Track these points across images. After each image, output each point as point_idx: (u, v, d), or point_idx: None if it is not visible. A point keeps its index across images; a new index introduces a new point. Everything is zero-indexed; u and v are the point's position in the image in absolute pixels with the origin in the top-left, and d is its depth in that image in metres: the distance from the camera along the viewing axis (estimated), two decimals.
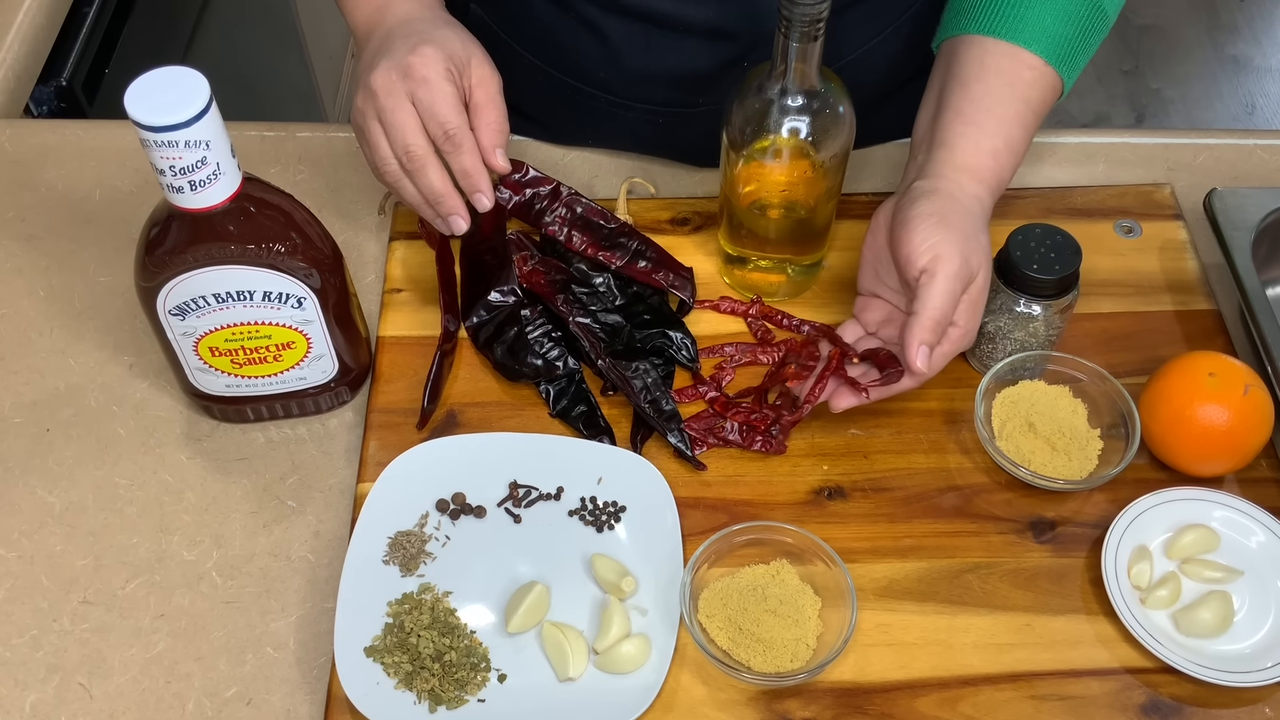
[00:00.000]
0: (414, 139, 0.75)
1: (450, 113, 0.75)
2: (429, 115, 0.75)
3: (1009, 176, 0.80)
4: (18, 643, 0.73)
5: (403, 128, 0.75)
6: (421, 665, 0.69)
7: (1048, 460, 0.77)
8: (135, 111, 0.64)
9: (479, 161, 0.77)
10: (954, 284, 0.73)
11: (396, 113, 0.75)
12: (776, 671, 0.69)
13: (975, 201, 0.77)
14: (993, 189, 0.79)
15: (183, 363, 0.78)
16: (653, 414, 0.79)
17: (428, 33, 0.78)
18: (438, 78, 0.75)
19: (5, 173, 0.97)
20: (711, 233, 0.91)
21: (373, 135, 0.77)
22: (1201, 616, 0.71)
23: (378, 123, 0.76)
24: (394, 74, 0.75)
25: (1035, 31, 0.78)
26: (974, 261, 0.74)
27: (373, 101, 0.76)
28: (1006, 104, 0.78)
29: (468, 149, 0.76)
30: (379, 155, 0.77)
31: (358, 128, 0.79)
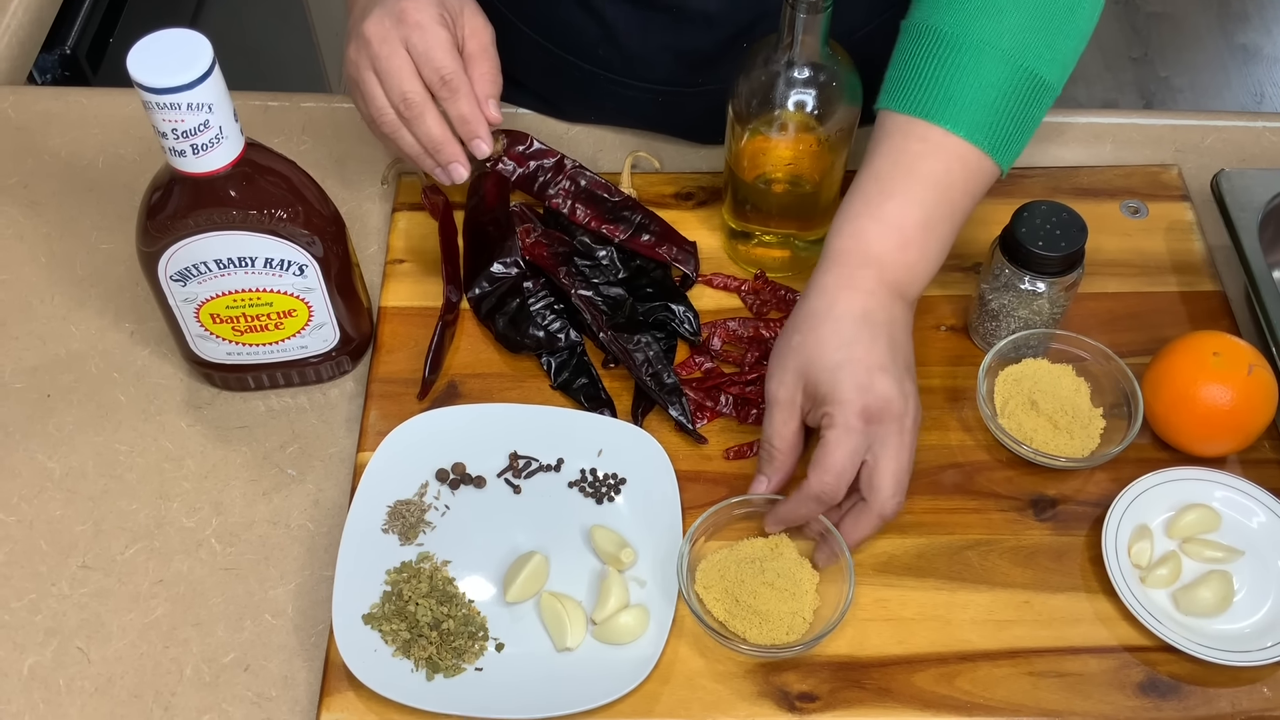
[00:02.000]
0: (410, 85, 0.74)
1: (446, 58, 0.74)
2: (424, 61, 0.74)
3: (921, 274, 0.72)
4: (16, 606, 0.73)
5: (398, 74, 0.74)
6: (419, 633, 0.69)
7: (1050, 438, 0.77)
8: (138, 73, 0.63)
9: (476, 108, 0.76)
10: (844, 440, 0.67)
11: (391, 59, 0.74)
12: (772, 644, 0.69)
13: (869, 307, 0.70)
14: (898, 288, 0.71)
15: (184, 330, 0.77)
16: (654, 387, 0.79)
17: None
18: (431, 23, 0.74)
19: (8, 139, 0.96)
20: (715, 208, 0.91)
21: (368, 85, 0.75)
22: (1201, 596, 0.71)
23: (372, 72, 0.75)
24: (387, 21, 0.74)
25: (959, 111, 0.71)
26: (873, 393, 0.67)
27: (366, 50, 0.75)
28: (920, 189, 0.71)
29: (464, 94, 0.75)
30: (375, 106, 0.76)
31: (351, 80, 0.77)
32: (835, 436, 0.68)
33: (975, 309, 0.82)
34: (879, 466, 0.69)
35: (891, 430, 0.69)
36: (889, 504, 0.69)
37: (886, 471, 0.69)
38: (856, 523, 0.70)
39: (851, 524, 0.71)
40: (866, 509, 0.70)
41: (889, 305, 0.71)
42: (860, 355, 0.69)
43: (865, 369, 0.69)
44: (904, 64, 0.74)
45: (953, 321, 0.85)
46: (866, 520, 0.70)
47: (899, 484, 0.69)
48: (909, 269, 0.72)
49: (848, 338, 0.69)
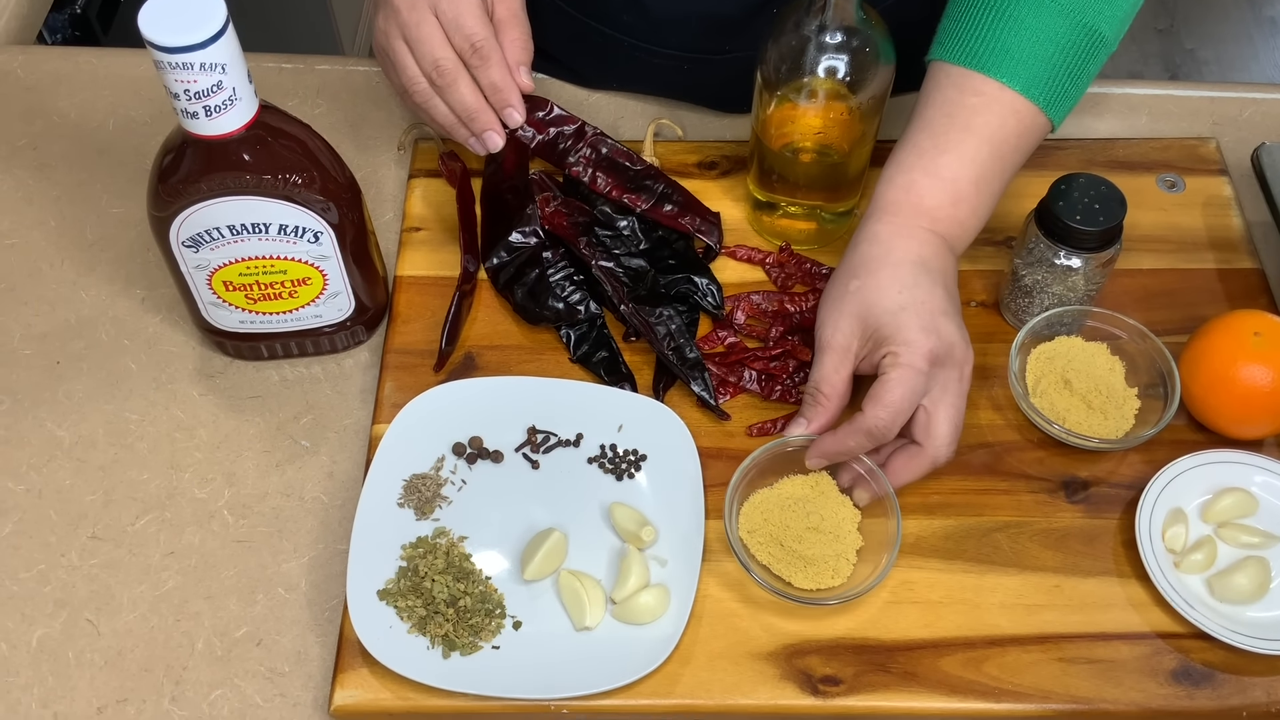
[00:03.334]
0: (442, 52, 0.73)
1: (476, 24, 0.73)
2: (454, 28, 0.73)
3: (970, 229, 0.72)
4: (25, 577, 0.72)
5: (429, 41, 0.73)
6: (435, 610, 0.68)
7: (1083, 418, 0.75)
8: (150, 31, 0.61)
9: (508, 75, 0.75)
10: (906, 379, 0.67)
11: (421, 27, 0.73)
12: (818, 588, 0.68)
13: (924, 255, 0.70)
14: (949, 241, 0.72)
15: (196, 297, 0.76)
16: (676, 361, 0.77)
17: None
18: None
19: (17, 100, 0.94)
20: (739, 178, 0.88)
21: (398, 54, 0.74)
22: (1237, 582, 0.69)
23: (402, 41, 0.74)
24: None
25: (1016, 65, 0.70)
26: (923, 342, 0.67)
27: (395, 18, 0.74)
28: (975, 144, 0.71)
29: (496, 61, 0.74)
30: (407, 75, 0.75)
31: (380, 49, 0.76)
32: (899, 375, 0.68)
33: (1007, 284, 0.80)
34: (938, 411, 0.69)
35: (953, 376, 0.69)
36: (944, 449, 0.70)
37: (945, 417, 0.69)
38: (908, 465, 0.70)
39: (902, 466, 0.70)
40: (920, 453, 0.70)
41: (942, 255, 0.72)
42: (923, 299, 0.69)
43: (929, 312, 0.69)
44: (960, 15, 0.73)
45: (983, 297, 0.83)
46: (918, 464, 0.70)
47: (956, 430, 0.70)
48: (960, 224, 0.72)
49: (908, 282, 0.70)
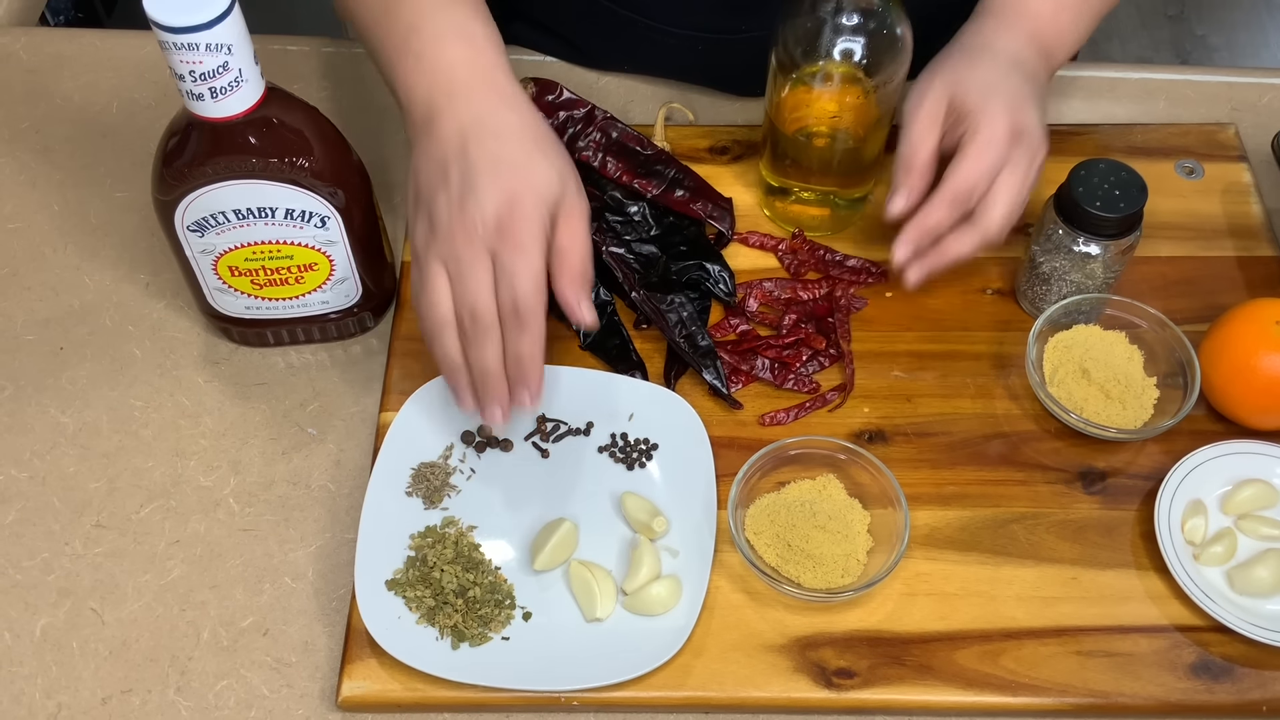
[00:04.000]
0: (485, 302, 0.63)
1: (531, 287, 0.63)
2: (506, 282, 0.63)
3: (1069, 41, 0.75)
4: (28, 565, 0.71)
5: (475, 285, 0.63)
6: (444, 600, 0.67)
7: (1101, 408, 0.74)
8: (154, 11, 0.60)
9: (540, 350, 0.65)
10: (986, 149, 0.70)
11: (472, 268, 0.63)
12: (827, 588, 0.67)
13: (1023, 56, 0.73)
14: (1047, 48, 0.74)
15: (201, 282, 0.75)
16: (688, 349, 0.76)
17: (521, 165, 0.65)
18: (531, 245, 0.63)
19: (20, 82, 0.93)
20: (752, 162, 0.87)
21: (433, 275, 0.64)
22: (1257, 574, 0.68)
23: (442, 264, 0.64)
24: (480, 226, 0.63)
25: None
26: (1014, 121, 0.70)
27: (448, 245, 0.64)
28: None
29: (534, 333, 0.64)
30: (432, 298, 0.65)
31: (417, 255, 0.66)
32: (979, 145, 0.71)
33: (1024, 272, 0.79)
34: (1001, 186, 0.71)
35: (1024, 156, 0.71)
36: (996, 224, 0.71)
37: (1007, 193, 0.71)
38: (959, 238, 0.72)
39: (954, 239, 0.72)
40: (971, 226, 0.72)
41: (1038, 61, 0.75)
42: (1015, 86, 0.72)
43: (1017, 97, 0.72)
44: None
45: (1000, 285, 0.81)
46: (969, 237, 0.72)
47: (1013, 210, 0.71)
48: (1060, 35, 0.75)
49: (1003, 71, 0.73)
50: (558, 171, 0.66)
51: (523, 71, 0.91)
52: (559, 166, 0.66)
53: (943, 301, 0.81)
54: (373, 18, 0.71)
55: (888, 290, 0.81)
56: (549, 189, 0.65)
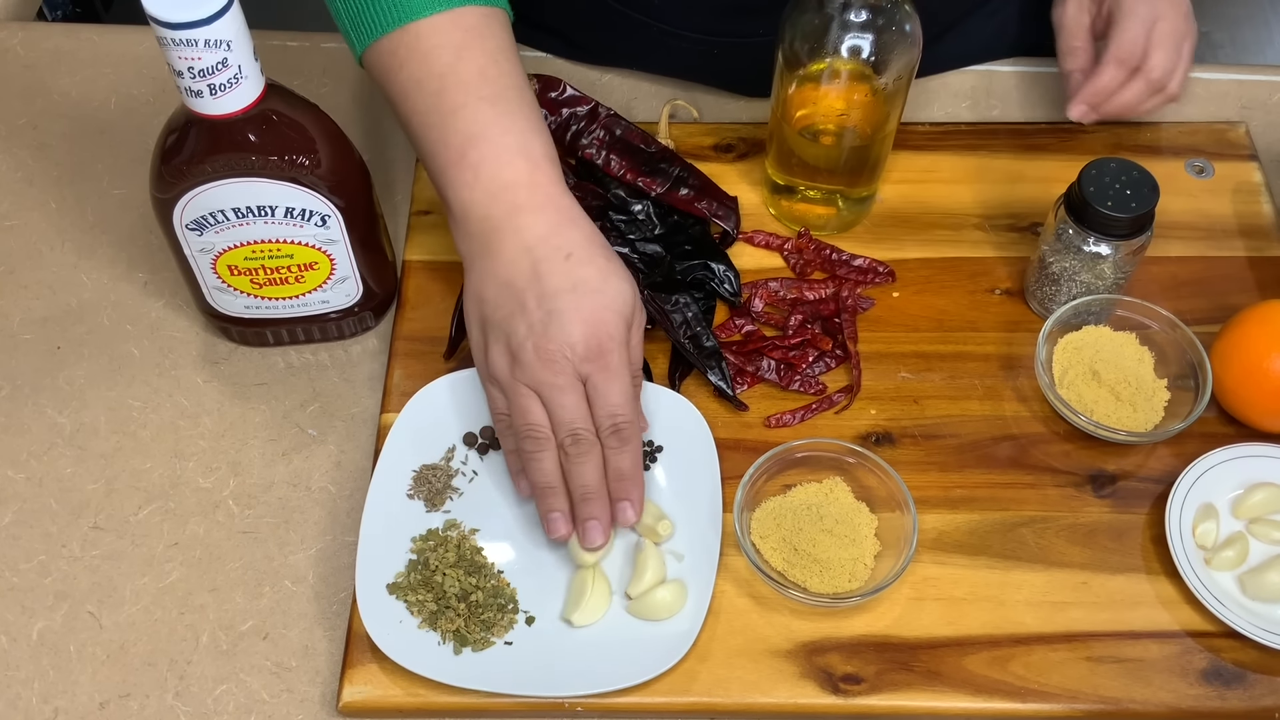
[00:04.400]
0: (584, 424, 0.64)
1: (628, 407, 0.64)
2: (602, 403, 0.64)
3: None
4: (25, 568, 0.70)
5: (570, 409, 0.63)
6: (447, 605, 0.66)
7: (1111, 410, 0.73)
8: (153, 6, 0.59)
9: (640, 465, 0.65)
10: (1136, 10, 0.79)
11: (566, 394, 0.63)
12: (834, 592, 0.66)
13: None
14: None
15: (200, 281, 0.74)
16: (693, 350, 0.75)
17: (599, 287, 0.64)
18: (621, 366, 0.64)
19: (17, 78, 0.92)
20: (756, 160, 0.86)
21: (525, 399, 0.64)
22: (1269, 579, 0.68)
23: (529, 389, 0.64)
24: (569, 352, 0.63)
25: None
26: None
27: (537, 372, 0.63)
28: None
29: (633, 448, 0.64)
30: (531, 420, 0.64)
31: (497, 380, 0.65)
32: (1127, 10, 0.80)
33: (1034, 272, 0.78)
34: (1158, 37, 0.79)
35: (1171, 8, 0.80)
36: (1159, 70, 0.79)
37: (1165, 42, 0.79)
38: (1130, 87, 0.80)
39: (1126, 90, 0.80)
40: (1140, 77, 0.80)
41: None
42: None
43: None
44: None
45: (1009, 285, 0.80)
46: (1138, 85, 0.80)
47: (1173, 57, 0.80)
48: None
49: None
50: (630, 287, 0.66)
51: (525, 68, 0.90)
52: (628, 279, 0.66)
53: (950, 302, 0.80)
54: (423, 112, 0.67)
55: (894, 290, 0.80)
56: (625, 308, 0.65)
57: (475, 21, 0.68)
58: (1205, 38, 2.45)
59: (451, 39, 0.67)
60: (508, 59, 0.69)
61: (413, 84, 0.67)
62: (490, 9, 0.70)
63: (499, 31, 0.69)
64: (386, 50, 0.68)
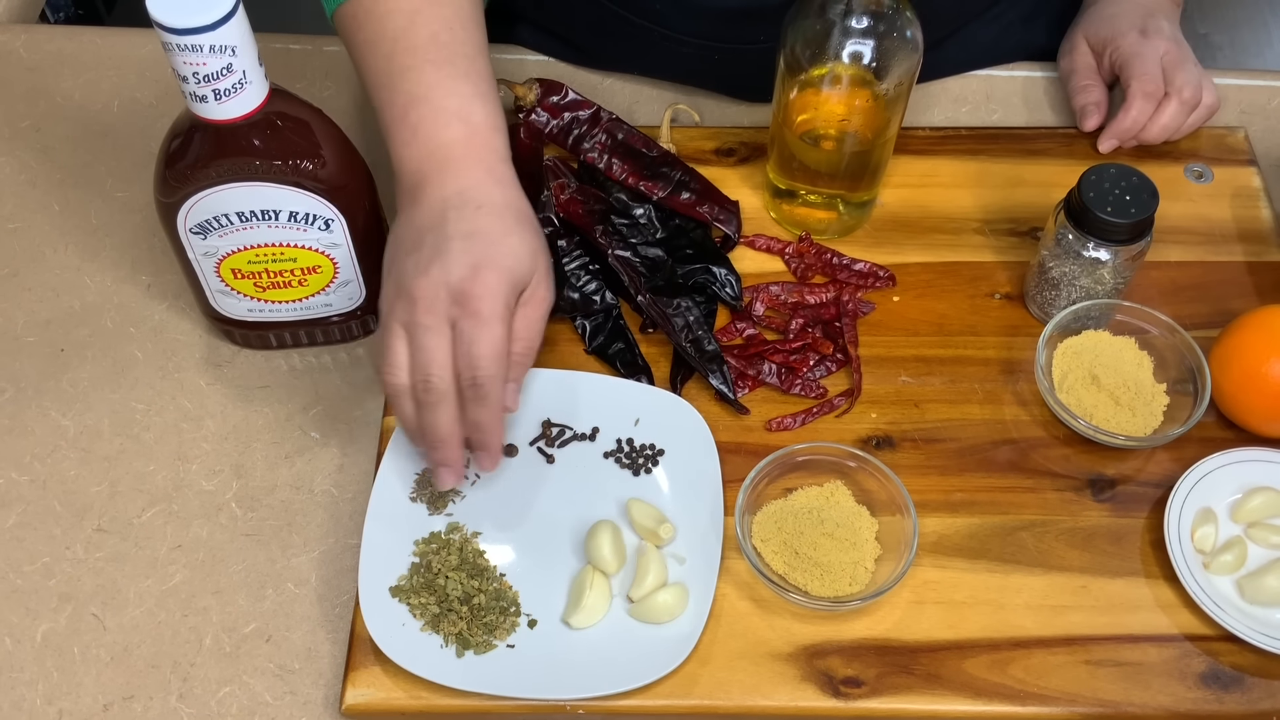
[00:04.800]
0: (439, 372, 0.63)
1: (491, 360, 0.63)
2: (466, 352, 0.63)
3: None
4: (29, 570, 0.70)
5: (431, 354, 0.63)
6: (449, 608, 0.66)
7: (1111, 415, 0.73)
8: (158, 12, 0.59)
9: (499, 417, 0.65)
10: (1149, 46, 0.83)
11: (429, 335, 0.63)
12: (835, 596, 0.67)
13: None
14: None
15: (203, 284, 0.74)
16: (694, 354, 0.75)
17: (496, 239, 0.65)
18: (493, 317, 0.63)
19: (20, 80, 0.92)
20: (758, 165, 0.87)
21: (393, 340, 0.65)
22: (1268, 584, 0.68)
23: (403, 330, 0.64)
24: (444, 292, 0.63)
25: None
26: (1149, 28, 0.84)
27: (409, 309, 0.64)
28: None
29: (493, 402, 0.64)
30: (392, 362, 0.65)
31: (383, 318, 0.66)
32: (1133, 51, 0.84)
33: (1033, 277, 0.78)
34: (1167, 60, 0.84)
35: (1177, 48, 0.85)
36: (1186, 89, 0.83)
37: (1178, 64, 0.84)
38: (1161, 112, 0.83)
39: (1159, 117, 0.84)
40: (1166, 100, 0.83)
41: (1166, 5, 0.89)
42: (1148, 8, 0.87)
43: (1141, 14, 0.86)
44: None
45: (1008, 289, 0.81)
46: (1165, 107, 0.83)
47: (1196, 79, 0.84)
48: None
49: (1130, 7, 0.87)
50: (530, 251, 0.66)
51: (527, 72, 0.91)
52: (533, 247, 0.66)
53: (950, 306, 0.80)
54: (374, 73, 0.70)
55: (895, 294, 0.81)
56: (518, 266, 0.65)
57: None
58: (1204, 40, 2.46)
59: (408, 4, 0.69)
60: (464, 27, 0.70)
61: (368, 45, 0.70)
62: None
63: (461, 1, 0.71)
64: (349, 13, 0.71)
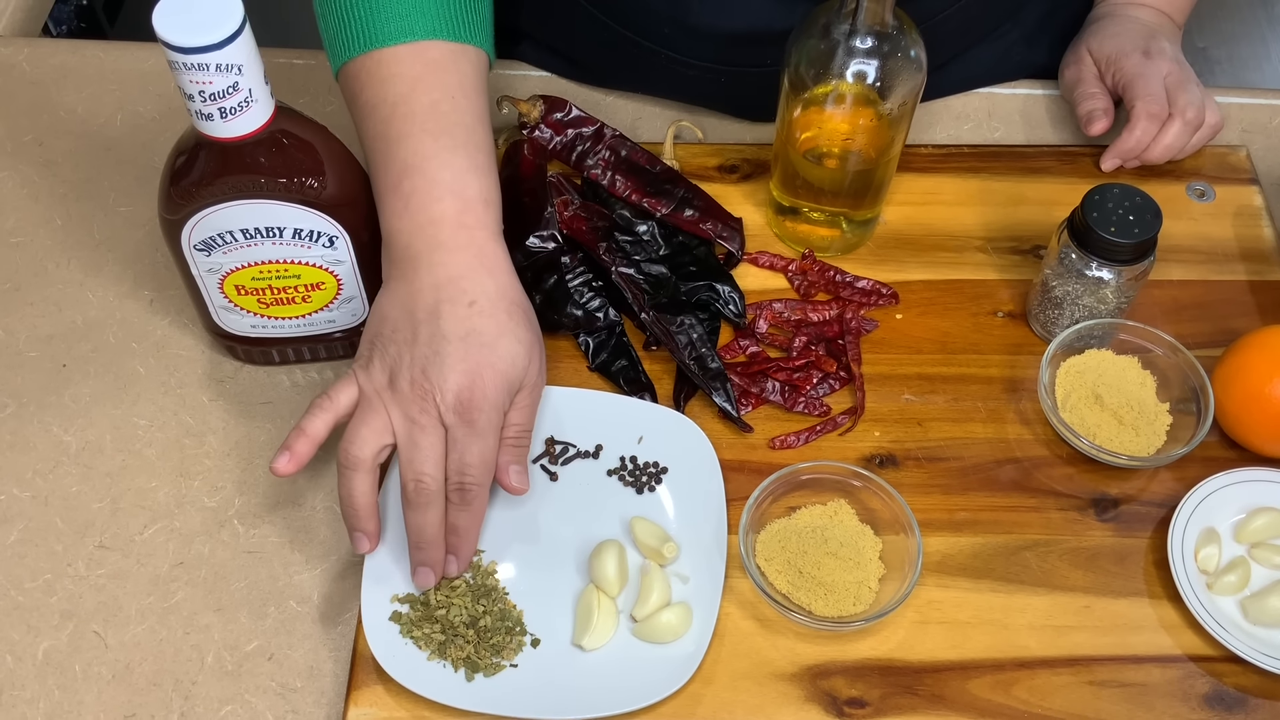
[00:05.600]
0: (433, 472, 0.64)
1: (480, 469, 0.64)
2: (458, 459, 0.64)
3: (1184, 2, 0.89)
4: (31, 586, 0.70)
5: (426, 453, 0.63)
6: (456, 633, 0.66)
7: (1114, 434, 0.73)
8: (164, 31, 0.59)
9: (479, 525, 0.66)
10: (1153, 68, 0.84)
11: (425, 435, 0.63)
12: (839, 615, 0.67)
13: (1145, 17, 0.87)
14: (1162, 10, 0.88)
15: (206, 300, 0.74)
16: (697, 371, 0.75)
17: (491, 341, 0.64)
18: (488, 428, 0.64)
19: (23, 94, 0.92)
20: (761, 182, 0.87)
21: (374, 419, 0.64)
22: (1271, 604, 0.68)
23: (388, 417, 0.65)
24: (439, 398, 0.63)
25: None
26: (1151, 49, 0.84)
27: (402, 403, 0.64)
28: None
29: (475, 510, 0.65)
30: (365, 437, 0.64)
31: (365, 391, 0.65)
32: (1137, 71, 0.84)
33: (1036, 295, 0.78)
34: (1170, 80, 0.84)
35: (1179, 69, 0.85)
36: (1190, 109, 0.83)
37: (1181, 85, 0.84)
38: (1164, 132, 0.83)
39: (1162, 137, 0.83)
40: (1170, 120, 0.83)
41: (1165, 21, 0.89)
42: (1137, 32, 0.87)
43: (1143, 36, 0.86)
44: None
45: (1011, 307, 0.81)
46: (1169, 127, 0.83)
47: (1199, 98, 0.84)
48: (1171, 3, 0.89)
49: (1125, 25, 0.88)
50: (525, 349, 0.66)
51: (531, 89, 0.91)
52: (527, 343, 0.66)
53: (953, 324, 0.80)
54: (372, 137, 0.69)
55: (898, 312, 0.81)
56: (513, 370, 0.65)
57: (439, 56, 0.69)
58: (1203, 54, 2.46)
59: (410, 70, 0.68)
60: (466, 97, 0.69)
61: (368, 108, 0.69)
62: (461, 46, 0.70)
63: (464, 69, 0.70)
64: (352, 73, 0.70)
